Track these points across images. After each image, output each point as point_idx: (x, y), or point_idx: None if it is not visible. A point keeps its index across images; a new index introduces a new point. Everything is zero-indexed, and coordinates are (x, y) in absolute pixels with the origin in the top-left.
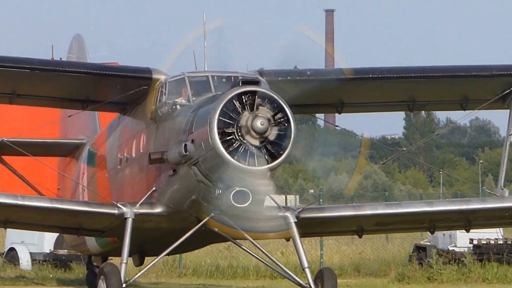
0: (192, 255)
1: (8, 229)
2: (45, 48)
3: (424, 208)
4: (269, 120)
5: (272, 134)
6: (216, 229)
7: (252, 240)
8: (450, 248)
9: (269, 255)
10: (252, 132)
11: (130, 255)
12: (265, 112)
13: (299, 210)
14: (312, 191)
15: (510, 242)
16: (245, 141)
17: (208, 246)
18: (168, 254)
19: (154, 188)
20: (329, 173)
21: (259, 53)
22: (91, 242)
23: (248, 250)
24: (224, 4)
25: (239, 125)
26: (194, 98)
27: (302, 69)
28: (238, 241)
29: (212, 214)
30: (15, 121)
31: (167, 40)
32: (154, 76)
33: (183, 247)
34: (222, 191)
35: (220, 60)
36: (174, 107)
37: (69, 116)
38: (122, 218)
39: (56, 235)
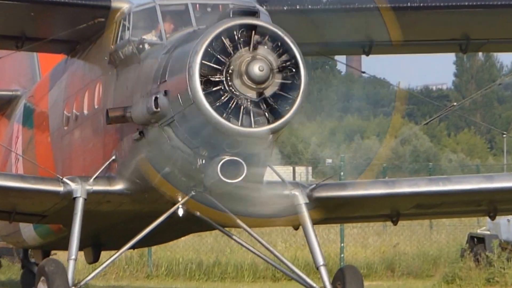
0: (165, 249)
1: None
2: None
3: (482, 184)
4: (270, 64)
5: (275, 83)
6: (198, 213)
7: (247, 228)
8: None
9: (270, 248)
10: (248, 81)
11: (81, 248)
12: (265, 53)
13: (312, 187)
14: (330, 161)
15: None
16: (237, 93)
17: (187, 237)
18: (132, 248)
19: (113, 157)
20: (353, 136)
21: None
22: (28, 231)
23: (242, 242)
24: None
25: (230, 70)
26: (168, 35)
27: None
28: (228, 229)
29: (192, 192)
30: None
31: None
32: (114, 4)
33: (154, 238)
34: (207, 161)
35: None
36: (141, 46)
37: None
38: (69, 197)
39: None
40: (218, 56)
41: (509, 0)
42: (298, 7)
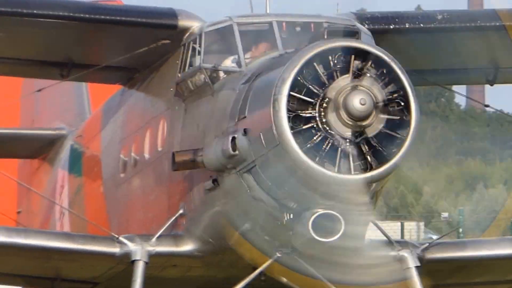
0: None
1: None
2: None
3: None
4: (374, 96)
5: (379, 120)
6: (284, 280)
7: None
8: None
9: None
10: (346, 117)
11: None
12: (368, 83)
13: (425, 246)
14: (446, 214)
15: None
16: (333, 132)
17: None
18: None
19: (180, 211)
20: (475, 184)
21: None
22: None
23: None
24: None
25: (324, 104)
26: (248, 60)
27: (429, 10)
28: None
29: (277, 254)
30: None
31: None
32: (182, 22)
33: None
34: (295, 215)
35: None
36: (214, 75)
37: (39, 91)
38: (127, 261)
39: None
40: (310, 86)
41: None
42: (407, 26)
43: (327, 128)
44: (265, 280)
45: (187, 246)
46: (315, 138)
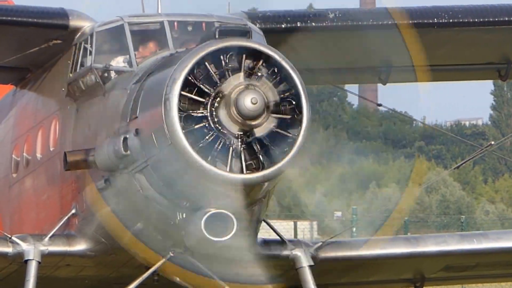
0: None
1: None
2: None
3: None
4: (265, 95)
5: (271, 119)
6: (177, 279)
7: None
8: None
9: None
10: (238, 116)
11: None
12: (260, 82)
13: (318, 245)
14: (339, 214)
15: None
16: (225, 131)
17: None
18: None
19: (73, 211)
20: (368, 183)
21: None
22: None
23: None
24: None
25: (216, 103)
26: (139, 60)
27: (321, 9)
28: None
29: (170, 253)
30: None
31: None
32: (73, 22)
33: None
34: (188, 215)
35: None
36: (106, 74)
37: None
38: (20, 260)
39: None
40: (201, 85)
41: None
42: (299, 25)
43: (219, 128)
44: (158, 279)
45: (80, 246)
46: (207, 137)
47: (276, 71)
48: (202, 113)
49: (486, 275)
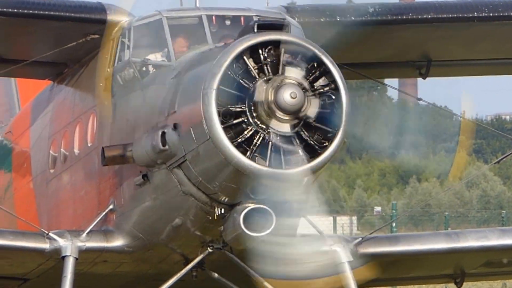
0: None
1: None
2: None
3: None
4: (305, 89)
5: (311, 112)
6: (216, 275)
7: None
8: None
9: None
10: (277, 111)
11: None
12: (298, 76)
13: (357, 241)
14: (379, 209)
15: None
16: (264, 126)
17: None
18: None
19: (110, 207)
20: (408, 178)
21: None
22: None
23: None
24: None
25: (255, 99)
26: (178, 54)
27: (360, 3)
28: None
29: (209, 249)
30: None
31: None
32: (111, 17)
33: None
34: (226, 210)
35: None
36: (144, 69)
37: None
38: (57, 257)
39: None
40: (240, 80)
41: None
42: (338, 19)
43: (258, 123)
44: (196, 275)
45: (118, 242)
46: (245, 132)
47: (315, 65)
48: (241, 108)
49: None
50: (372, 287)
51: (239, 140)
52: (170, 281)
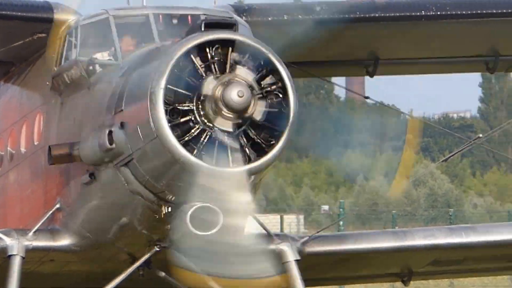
0: None
1: None
2: None
3: None
4: (252, 88)
5: (257, 111)
6: (162, 274)
7: None
8: None
9: None
10: (224, 109)
11: None
12: (245, 75)
13: (304, 240)
14: (326, 207)
15: None
16: (211, 125)
17: None
18: None
19: (57, 206)
20: (355, 176)
21: None
22: None
23: None
24: None
25: (202, 97)
26: (125, 53)
27: (307, 2)
28: None
29: (156, 248)
30: None
31: None
32: (58, 16)
33: None
34: (174, 209)
35: None
36: (91, 68)
37: None
38: (3, 256)
39: None
40: (187, 79)
41: None
42: (286, 18)
43: (206, 121)
44: (143, 274)
45: (65, 241)
46: (193, 131)
47: (262, 63)
48: (188, 106)
49: (474, 269)
50: (320, 286)
51: (186, 138)
52: (117, 280)
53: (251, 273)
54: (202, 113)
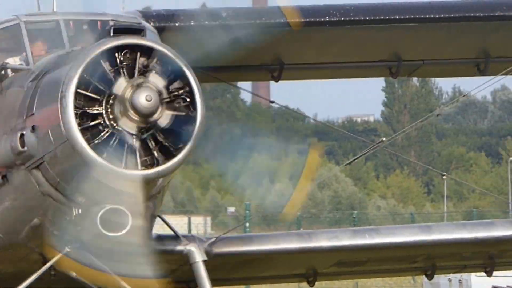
0: None
1: None
2: None
3: (418, 236)
4: (160, 93)
5: (165, 116)
6: (73, 274)
7: None
8: None
9: None
10: (133, 113)
11: None
12: (153, 79)
13: (211, 240)
14: (232, 209)
15: None
16: (120, 128)
17: None
18: None
19: None
20: (261, 180)
21: None
22: None
23: None
24: None
25: (111, 101)
26: (36, 58)
27: (214, 8)
28: None
29: (67, 248)
30: None
31: None
32: None
33: None
34: (84, 210)
35: None
36: (2, 72)
37: None
38: None
39: None
40: (97, 83)
41: (448, 13)
42: (192, 23)
43: (115, 125)
44: (55, 274)
45: None
46: (102, 134)
47: (169, 68)
48: (98, 110)
49: (378, 270)
50: (227, 286)
51: (96, 141)
52: (29, 280)
53: (159, 273)
54: (111, 117)
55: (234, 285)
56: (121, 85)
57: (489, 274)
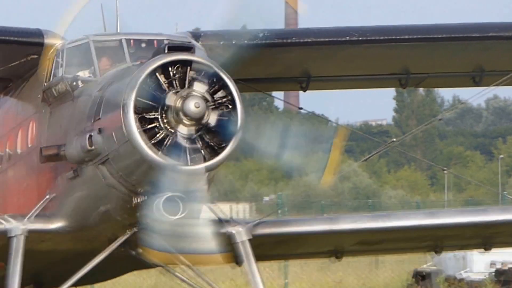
0: (110, 285)
1: None
2: None
3: (423, 221)
4: (206, 100)
5: (211, 119)
6: (140, 250)
7: (191, 265)
8: (464, 275)
9: (214, 286)
10: (184, 118)
11: (22, 286)
12: (201, 89)
13: (254, 223)
14: (267, 198)
15: None
16: (173, 130)
17: (130, 275)
18: (75, 286)
19: (48, 196)
20: (292, 174)
21: (194, 9)
22: None
23: (187, 280)
24: None
25: (165, 108)
26: (102, 71)
27: (252, 29)
28: (171, 267)
29: (129, 231)
30: None
31: None
32: (47, 40)
33: (94, 276)
34: (146, 198)
35: (138, 18)
36: (74, 83)
37: None
38: (6, 236)
39: None
40: (154, 93)
41: (448, 33)
42: (234, 42)
43: (168, 128)
44: (124, 250)
45: (56, 224)
46: (158, 135)
47: (215, 80)
48: (154, 115)
49: (393, 248)
50: (266, 260)
51: (153, 141)
52: (100, 257)
53: (209, 249)
54: (165, 121)
55: (273, 260)
56: (172, 97)
57: (486, 250)
